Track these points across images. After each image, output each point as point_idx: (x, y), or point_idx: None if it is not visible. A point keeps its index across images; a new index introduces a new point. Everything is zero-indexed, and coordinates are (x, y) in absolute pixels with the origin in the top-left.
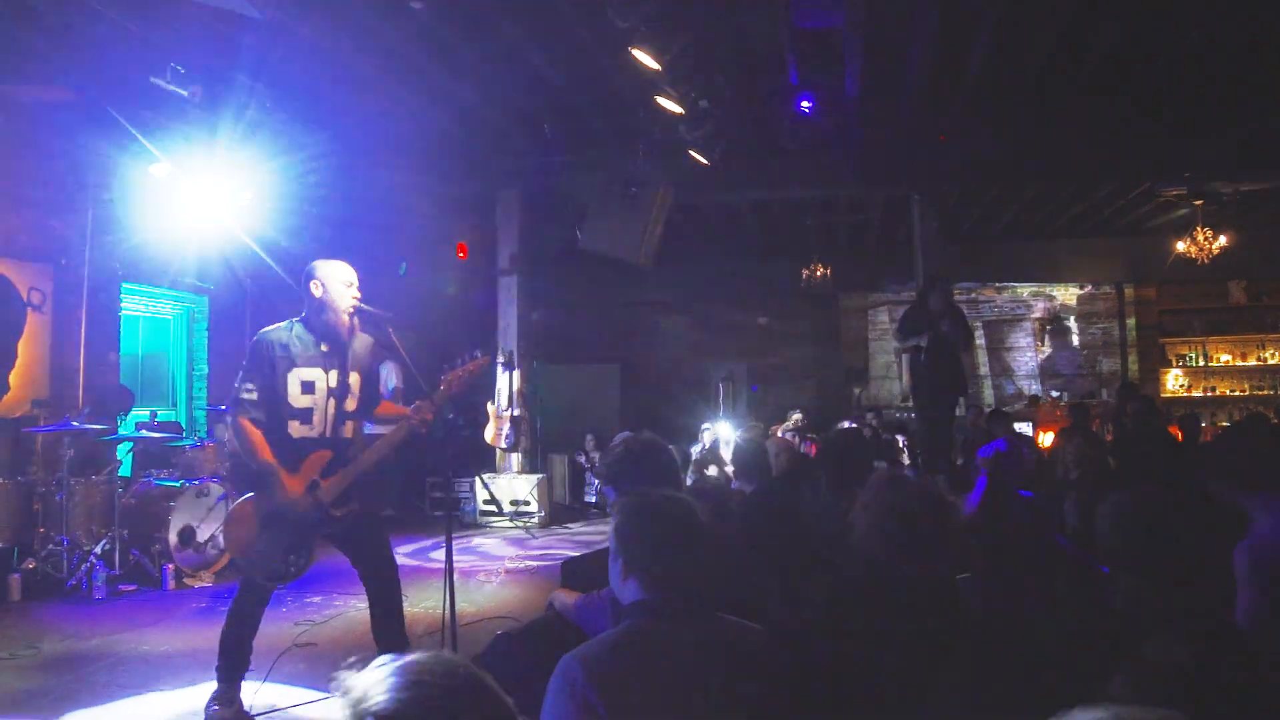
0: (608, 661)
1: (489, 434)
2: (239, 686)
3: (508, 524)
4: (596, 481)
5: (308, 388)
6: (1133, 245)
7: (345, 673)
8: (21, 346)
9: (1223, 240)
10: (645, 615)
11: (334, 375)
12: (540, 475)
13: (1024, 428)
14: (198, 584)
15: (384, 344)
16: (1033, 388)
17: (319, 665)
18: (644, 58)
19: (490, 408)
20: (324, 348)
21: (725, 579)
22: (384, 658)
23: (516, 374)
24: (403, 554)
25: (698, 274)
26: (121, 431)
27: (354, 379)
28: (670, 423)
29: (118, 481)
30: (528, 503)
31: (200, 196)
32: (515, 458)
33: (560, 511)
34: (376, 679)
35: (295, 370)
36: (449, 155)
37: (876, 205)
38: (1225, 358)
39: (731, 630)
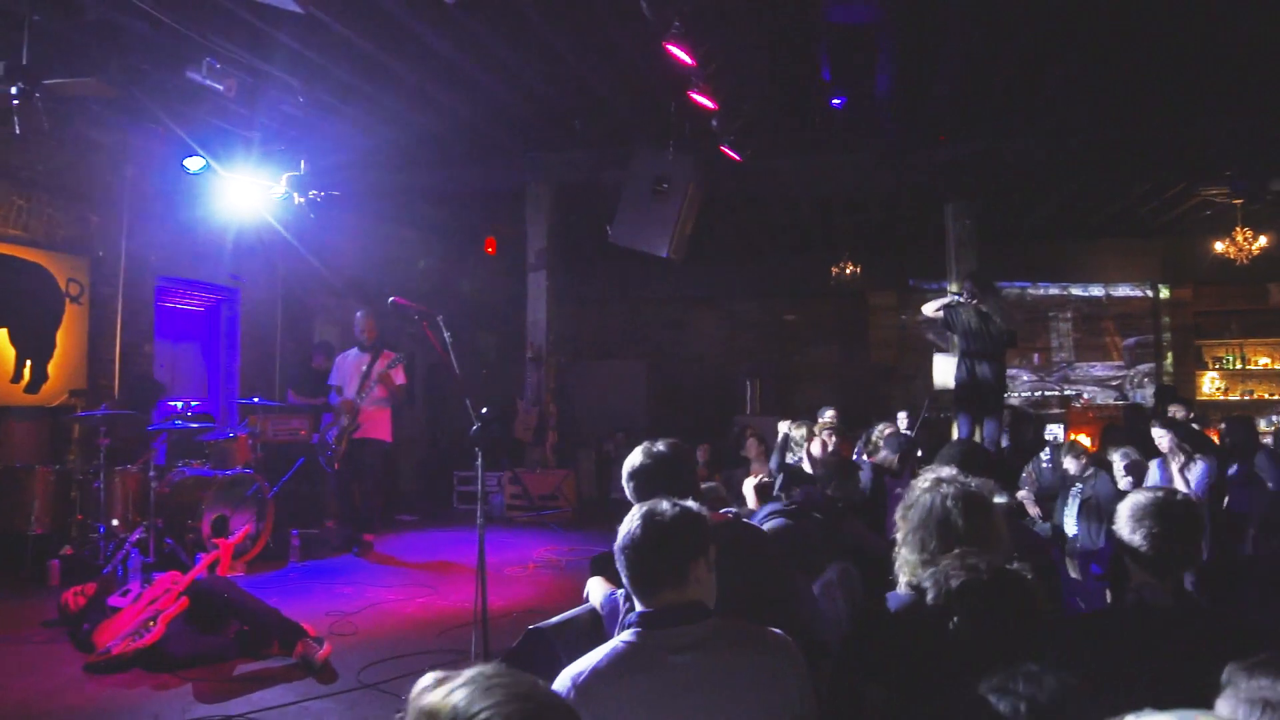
0: (606, 681)
1: (518, 429)
2: None
3: (536, 519)
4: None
5: None
6: (1169, 245)
7: (420, 684)
8: (60, 337)
9: (1263, 241)
10: (647, 626)
11: None
12: (568, 470)
13: (1055, 429)
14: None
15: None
16: (1064, 389)
17: (348, 655)
18: (677, 52)
19: (519, 403)
20: None
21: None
22: (468, 671)
23: (545, 369)
24: (431, 547)
25: (726, 270)
26: (156, 422)
27: None
28: (697, 418)
29: (153, 471)
30: (555, 498)
31: (234, 190)
32: (544, 453)
33: (588, 506)
34: (462, 693)
35: None
36: (479, 150)
37: (908, 203)
38: (1264, 361)
39: (744, 635)
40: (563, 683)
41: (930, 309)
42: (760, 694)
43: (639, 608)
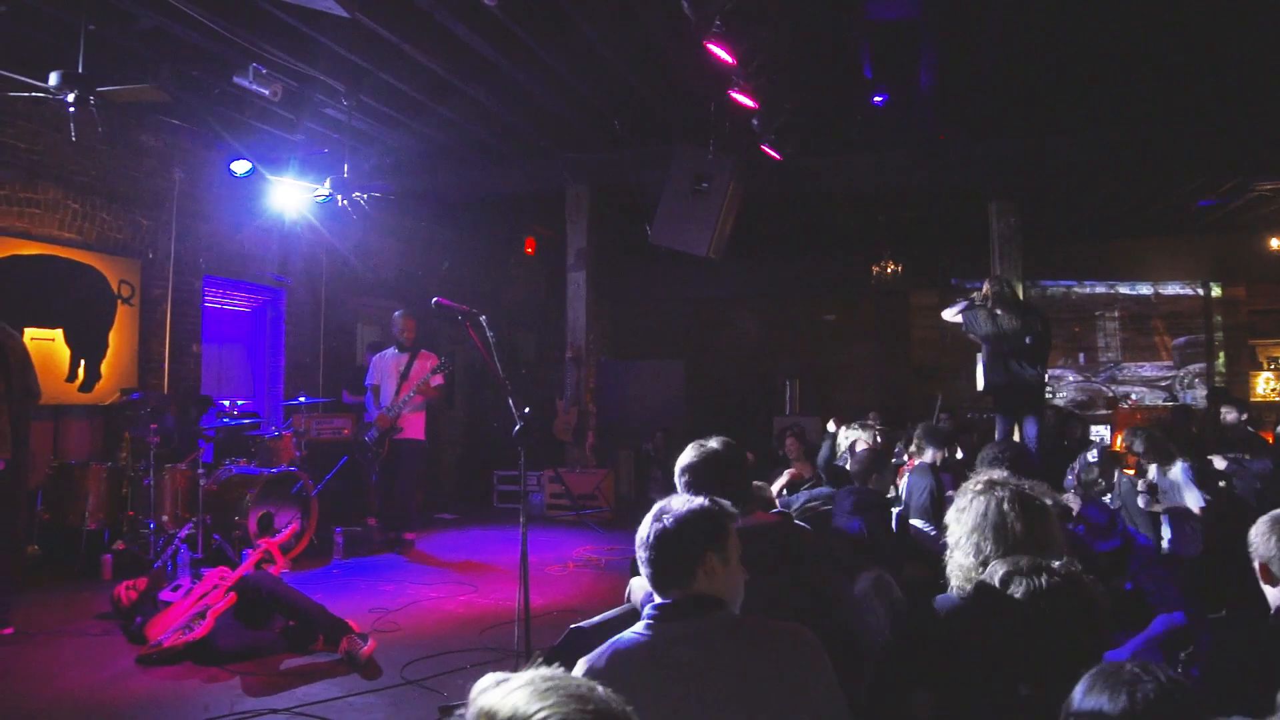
0: (612, 669)
1: (557, 428)
2: None
3: (575, 518)
4: (661, 475)
5: None
6: (1221, 242)
7: (479, 684)
8: (112, 337)
9: None
10: (656, 618)
11: None
12: (607, 470)
13: (1102, 430)
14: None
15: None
16: (1112, 389)
17: (391, 652)
18: (718, 51)
19: (559, 403)
20: None
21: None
22: (517, 675)
23: (584, 369)
24: (471, 546)
25: (765, 270)
26: (204, 421)
27: None
28: (736, 418)
29: (201, 468)
30: (595, 497)
31: (279, 192)
32: (583, 452)
33: (626, 505)
34: (521, 694)
35: None
36: (520, 151)
37: (951, 200)
38: None
39: (755, 632)
40: (580, 669)
41: (949, 314)
42: (765, 692)
43: (656, 600)
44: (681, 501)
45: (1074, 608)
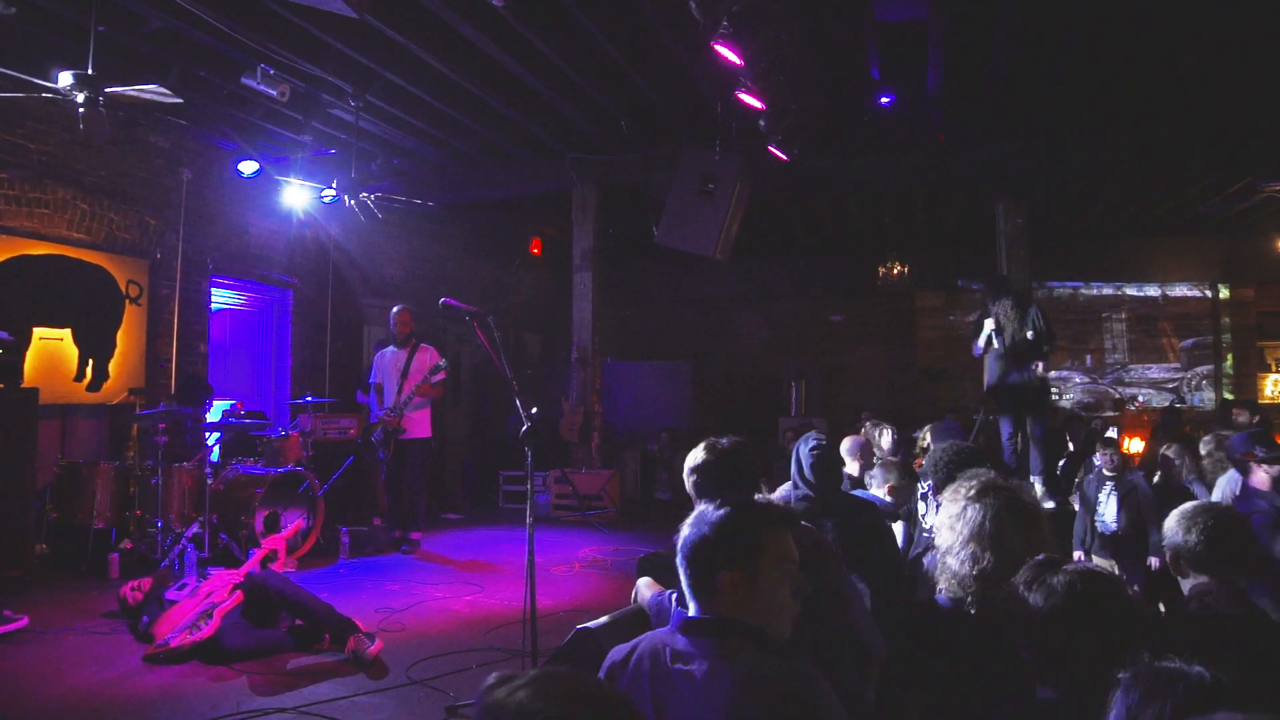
0: (622, 670)
1: (563, 429)
2: None
3: (581, 518)
4: (666, 476)
5: None
6: (1229, 243)
7: (488, 682)
8: (120, 337)
9: None
10: (675, 628)
11: None
12: (613, 470)
13: (1109, 432)
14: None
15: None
16: (1119, 391)
17: (398, 652)
18: (725, 53)
19: (564, 403)
20: None
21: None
22: (524, 673)
23: (590, 369)
24: (477, 546)
25: (771, 271)
26: (210, 420)
27: None
28: (741, 419)
29: (208, 468)
30: (600, 498)
31: (287, 192)
32: (588, 453)
33: (632, 506)
34: (525, 692)
35: None
36: (526, 152)
37: (958, 201)
38: None
39: (749, 672)
40: (609, 659)
41: (979, 351)
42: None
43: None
44: (715, 509)
45: (1113, 607)
